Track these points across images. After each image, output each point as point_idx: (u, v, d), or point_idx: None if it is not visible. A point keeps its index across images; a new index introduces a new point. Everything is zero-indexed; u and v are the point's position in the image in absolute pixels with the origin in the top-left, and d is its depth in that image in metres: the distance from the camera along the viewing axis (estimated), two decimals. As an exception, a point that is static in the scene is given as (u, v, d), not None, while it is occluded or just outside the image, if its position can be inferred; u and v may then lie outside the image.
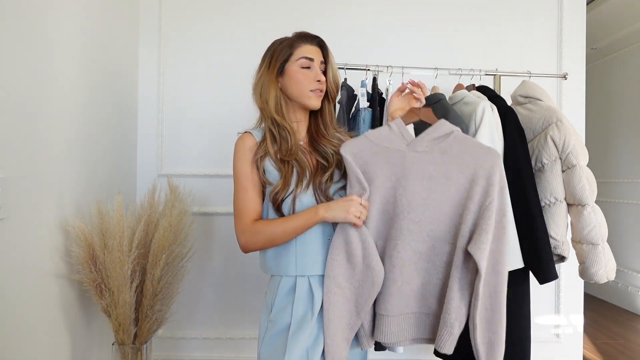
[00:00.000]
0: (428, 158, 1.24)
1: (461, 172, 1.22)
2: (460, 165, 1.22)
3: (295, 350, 1.21)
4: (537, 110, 1.89)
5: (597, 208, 1.78)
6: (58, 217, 1.67)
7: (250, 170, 1.28)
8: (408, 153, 1.25)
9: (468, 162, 1.21)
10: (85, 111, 1.89)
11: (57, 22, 1.66)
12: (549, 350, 2.58)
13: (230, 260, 2.50)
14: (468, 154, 1.22)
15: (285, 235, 1.24)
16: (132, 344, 1.78)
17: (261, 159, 1.28)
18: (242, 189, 1.29)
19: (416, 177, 1.23)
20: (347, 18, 2.54)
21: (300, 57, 1.30)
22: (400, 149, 1.26)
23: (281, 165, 1.27)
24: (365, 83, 1.95)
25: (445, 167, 1.22)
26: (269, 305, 1.31)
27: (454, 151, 1.23)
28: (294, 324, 1.24)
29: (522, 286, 1.85)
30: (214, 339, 2.51)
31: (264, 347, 1.28)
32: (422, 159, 1.24)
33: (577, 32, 2.59)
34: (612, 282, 4.04)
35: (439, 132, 1.26)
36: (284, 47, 1.32)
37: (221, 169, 2.47)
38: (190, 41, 2.51)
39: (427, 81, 2.07)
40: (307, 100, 1.31)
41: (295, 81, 1.30)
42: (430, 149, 1.24)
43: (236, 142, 1.32)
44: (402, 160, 1.25)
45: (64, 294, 1.70)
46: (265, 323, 1.30)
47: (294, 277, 1.28)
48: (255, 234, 1.26)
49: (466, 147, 1.24)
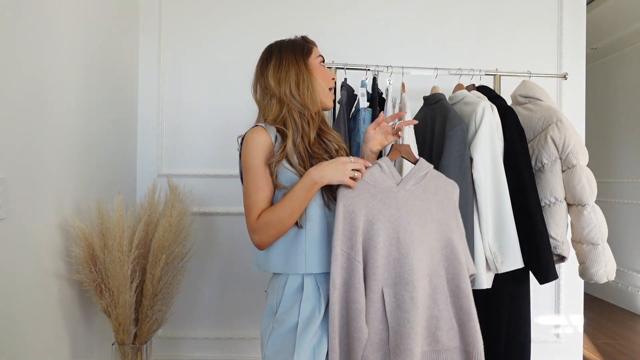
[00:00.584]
0: (415, 196, 1.28)
1: (438, 207, 1.30)
2: (438, 201, 1.30)
3: (304, 349, 1.20)
4: (537, 110, 1.89)
5: (597, 208, 1.78)
6: (58, 217, 1.67)
7: (265, 168, 1.24)
8: (399, 192, 1.27)
9: (442, 197, 1.31)
10: (85, 111, 1.89)
11: (57, 22, 1.66)
12: (549, 350, 2.58)
13: (230, 260, 2.50)
14: (441, 189, 1.32)
15: (294, 213, 1.21)
16: (132, 344, 1.78)
17: (277, 163, 1.24)
18: (254, 186, 1.24)
19: (411, 215, 1.26)
20: (347, 18, 2.54)
21: (318, 54, 1.35)
22: (392, 189, 1.28)
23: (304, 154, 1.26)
24: (365, 83, 1.95)
25: (428, 203, 1.29)
26: (273, 305, 1.29)
27: (431, 188, 1.30)
28: (301, 322, 1.23)
29: (522, 286, 1.85)
30: (214, 339, 2.51)
31: (270, 346, 1.25)
32: (412, 197, 1.28)
33: (577, 32, 2.59)
34: (612, 282, 4.04)
35: (421, 170, 1.31)
36: (302, 44, 1.35)
37: (221, 169, 2.47)
38: (190, 41, 2.51)
39: (427, 81, 2.08)
40: (327, 98, 1.35)
41: (321, 76, 1.34)
42: (416, 187, 1.29)
43: (249, 135, 1.26)
44: (396, 200, 1.27)
45: (64, 294, 1.70)
46: (270, 323, 1.28)
47: (301, 275, 1.27)
48: (265, 227, 1.22)
49: (438, 182, 1.32)
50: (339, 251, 1.22)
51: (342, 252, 1.23)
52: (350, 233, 1.24)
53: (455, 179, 1.64)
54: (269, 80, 1.31)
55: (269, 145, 1.24)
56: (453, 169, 1.65)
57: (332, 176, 1.19)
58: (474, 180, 1.68)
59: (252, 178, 1.24)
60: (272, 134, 1.26)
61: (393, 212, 1.26)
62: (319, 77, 1.33)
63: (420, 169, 1.32)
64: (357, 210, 1.24)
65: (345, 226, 1.24)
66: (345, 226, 1.24)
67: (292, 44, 1.35)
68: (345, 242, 1.23)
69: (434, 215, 1.28)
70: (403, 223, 1.25)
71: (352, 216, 1.24)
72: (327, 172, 1.20)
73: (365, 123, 1.88)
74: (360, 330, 1.19)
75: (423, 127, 1.91)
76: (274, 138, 1.26)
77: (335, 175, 1.20)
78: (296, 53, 1.32)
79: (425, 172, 1.32)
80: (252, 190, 1.24)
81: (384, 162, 1.30)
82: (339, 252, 1.22)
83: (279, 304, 1.28)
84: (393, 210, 1.26)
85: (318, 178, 1.19)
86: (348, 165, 1.20)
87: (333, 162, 1.21)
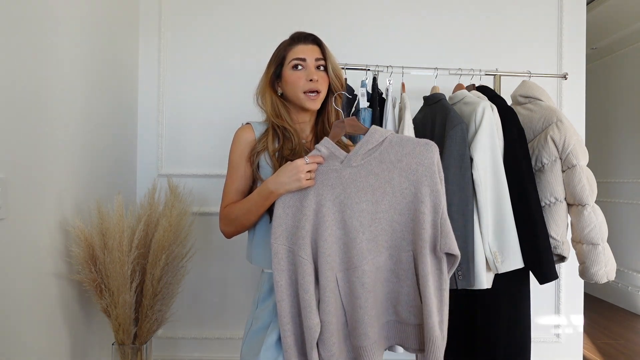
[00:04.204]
0: (366, 170, 1.19)
1: (403, 176, 1.18)
2: (400, 169, 1.18)
3: (269, 352, 1.20)
4: (537, 110, 1.89)
5: (597, 208, 1.78)
6: (58, 217, 1.66)
7: (242, 164, 1.30)
8: (343, 170, 1.19)
9: (408, 163, 1.18)
10: (85, 111, 1.88)
11: (57, 22, 1.66)
12: (549, 350, 2.58)
13: (230, 260, 2.50)
14: (406, 155, 1.19)
15: (248, 213, 1.25)
16: (132, 344, 1.78)
17: (257, 154, 1.29)
18: (230, 178, 1.32)
19: (358, 194, 1.18)
20: (347, 18, 2.54)
21: (292, 59, 1.31)
22: (335, 168, 1.20)
23: (277, 163, 1.27)
24: (365, 83, 1.95)
25: (386, 175, 1.18)
26: (255, 301, 1.33)
27: (391, 157, 1.19)
28: (273, 322, 1.24)
29: (522, 286, 1.85)
30: (214, 339, 2.51)
31: (246, 342, 1.29)
32: (360, 173, 1.19)
33: (577, 32, 2.59)
34: (612, 282, 4.03)
35: (371, 141, 1.20)
36: (279, 51, 1.34)
37: (221, 169, 2.45)
38: (190, 41, 2.51)
39: (427, 81, 2.08)
40: (303, 103, 1.30)
41: (289, 84, 1.31)
42: (367, 160, 1.19)
43: (236, 131, 1.34)
44: (340, 179, 1.19)
45: (64, 294, 1.70)
46: (250, 319, 1.31)
47: None
48: (226, 218, 1.30)
49: (402, 148, 1.19)
50: (280, 247, 1.18)
51: (284, 247, 1.18)
52: (293, 227, 1.19)
53: (455, 179, 1.65)
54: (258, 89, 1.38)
55: (250, 142, 1.31)
56: (453, 169, 1.65)
57: (288, 186, 1.17)
58: (474, 180, 1.68)
59: (229, 171, 1.33)
60: (258, 129, 1.32)
61: (339, 193, 1.18)
62: (287, 88, 1.32)
63: (370, 140, 1.20)
64: (302, 200, 1.19)
65: (287, 220, 1.19)
66: (287, 220, 1.19)
67: (272, 56, 1.36)
68: (288, 237, 1.19)
69: (396, 186, 1.18)
70: (350, 203, 1.17)
71: (294, 209, 1.19)
72: (283, 182, 1.17)
73: (365, 123, 1.88)
74: (312, 323, 1.15)
75: (423, 127, 1.92)
76: (259, 135, 1.31)
77: (291, 184, 1.17)
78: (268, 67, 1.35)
79: (379, 141, 1.20)
80: (227, 182, 1.33)
81: (323, 144, 1.22)
82: (279, 248, 1.18)
83: (258, 301, 1.31)
84: (338, 191, 1.18)
85: (274, 188, 1.19)
86: (302, 168, 1.16)
87: (288, 169, 1.17)
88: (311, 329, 1.15)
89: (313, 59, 1.30)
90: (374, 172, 1.19)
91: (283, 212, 1.20)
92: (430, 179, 1.17)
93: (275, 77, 1.34)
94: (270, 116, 1.32)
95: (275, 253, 1.18)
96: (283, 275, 1.18)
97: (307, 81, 1.29)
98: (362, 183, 1.18)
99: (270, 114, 1.32)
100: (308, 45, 1.31)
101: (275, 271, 1.18)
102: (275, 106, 1.33)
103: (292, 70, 1.30)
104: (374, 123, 1.88)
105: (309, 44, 1.32)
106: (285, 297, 1.18)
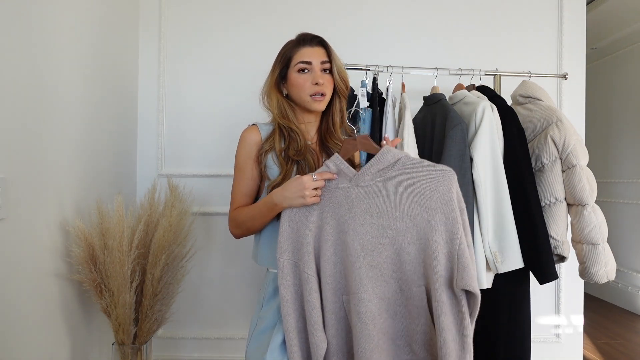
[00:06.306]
0: (375, 192, 1.11)
1: (415, 201, 1.09)
2: (412, 194, 1.09)
3: (276, 353, 1.20)
4: (537, 110, 1.89)
5: (597, 208, 1.78)
6: (58, 217, 1.66)
7: (250, 165, 1.31)
8: (351, 189, 1.13)
9: (421, 188, 1.09)
10: (85, 111, 1.88)
11: (57, 22, 1.66)
12: (549, 350, 2.58)
13: (230, 260, 2.50)
14: (419, 179, 1.10)
15: (254, 220, 1.26)
16: (132, 344, 1.78)
17: (265, 153, 1.29)
18: (237, 180, 1.33)
19: (363, 215, 1.10)
20: (347, 18, 2.54)
21: (297, 62, 1.30)
22: (343, 186, 1.14)
23: (283, 162, 1.28)
24: (365, 83, 1.95)
25: (396, 198, 1.10)
26: (260, 300, 1.33)
27: (403, 180, 1.11)
28: (279, 323, 1.24)
29: (522, 286, 1.85)
30: (214, 339, 2.51)
31: (251, 343, 1.29)
32: (368, 194, 1.11)
33: (577, 32, 2.59)
34: (612, 282, 4.03)
35: (383, 162, 1.13)
36: (285, 52, 1.34)
37: (221, 169, 2.47)
38: (190, 41, 2.51)
39: (427, 81, 2.08)
40: (309, 105, 1.31)
41: (295, 87, 1.31)
42: (376, 181, 1.12)
43: (242, 133, 1.34)
44: (347, 198, 1.13)
45: (64, 294, 1.70)
46: (255, 319, 1.31)
47: None
48: (234, 221, 1.31)
49: (416, 172, 1.11)
50: (285, 262, 1.15)
51: (289, 262, 1.15)
52: (298, 243, 1.15)
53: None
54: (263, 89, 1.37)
55: (256, 143, 1.31)
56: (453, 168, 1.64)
57: (292, 202, 1.16)
58: (474, 180, 1.68)
59: (236, 173, 1.33)
60: (264, 130, 1.33)
61: (344, 212, 1.12)
62: (293, 90, 1.32)
63: (381, 159, 1.13)
64: (307, 216, 1.15)
65: (293, 235, 1.16)
66: (293, 235, 1.16)
67: (278, 57, 1.35)
68: (293, 252, 1.15)
69: (406, 212, 1.09)
70: (353, 224, 1.11)
71: (299, 223, 1.16)
72: (287, 197, 1.16)
73: (365, 123, 1.88)
74: (317, 340, 1.11)
75: (423, 127, 1.92)
76: (265, 135, 1.32)
77: (295, 200, 1.15)
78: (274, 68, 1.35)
79: (392, 162, 1.13)
80: (235, 184, 1.33)
81: (332, 160, 1.18)
82: (284, 263, 1.15)
83: (263, 301, 1.31)
84: (344, 210, 1.12)
85: (279, 201, 1.19)
86: (308, 185, 1.14)
87: (294, 185, 1.15)
88: (317, 345, 1.12)
89: (319, 62, 1.30)
90: (383, 194, 1.11)
91: (289, 226, 1.17)
92: (445, 206, 1.08)
93: (280, 78, 1.34)
94: (277, 117, 1.33)
95: (281, 268, 1.17)
96: (289, 290, 1.16)
97: (312, 85, 1.29)
98: (369, 204, 1.11)
99: (277, 114, 1.33)
100: (314, 48, 1.31)
101: (281, 286, 1.16)
102: (281, 107, 1.33)
103: (297, 74, 1.30)
104: (374, 123, 1.88)
105: (315, 46, 1.32)
106: (291, 312, 1.15)
